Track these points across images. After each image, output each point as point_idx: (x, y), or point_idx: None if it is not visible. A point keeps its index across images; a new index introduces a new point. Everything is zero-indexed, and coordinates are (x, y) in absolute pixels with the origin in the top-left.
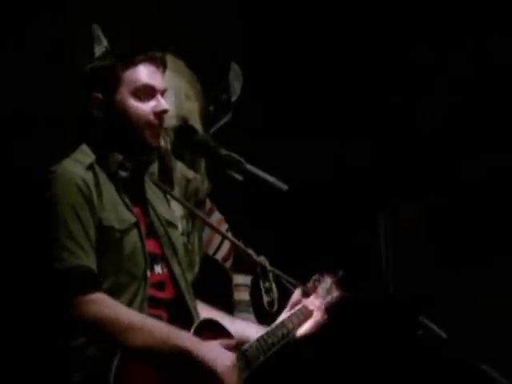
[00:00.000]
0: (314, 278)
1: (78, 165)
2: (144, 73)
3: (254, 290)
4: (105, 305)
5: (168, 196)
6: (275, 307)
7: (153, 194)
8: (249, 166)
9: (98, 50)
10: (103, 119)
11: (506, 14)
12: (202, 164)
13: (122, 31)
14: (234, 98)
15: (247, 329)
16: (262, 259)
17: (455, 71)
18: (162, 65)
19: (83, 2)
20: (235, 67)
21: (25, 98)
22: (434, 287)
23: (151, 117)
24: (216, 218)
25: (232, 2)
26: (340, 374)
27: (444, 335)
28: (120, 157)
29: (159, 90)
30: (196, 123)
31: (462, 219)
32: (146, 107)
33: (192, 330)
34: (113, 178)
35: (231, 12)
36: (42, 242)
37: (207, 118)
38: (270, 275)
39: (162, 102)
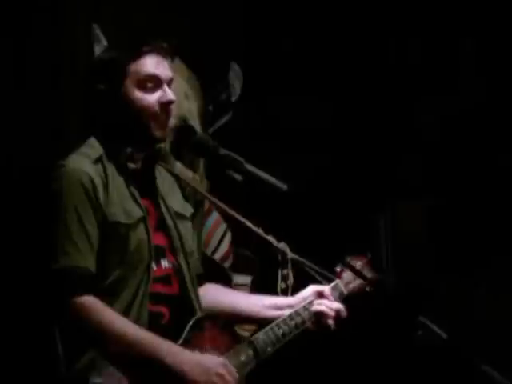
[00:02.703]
0: (341, 262)
1: (85, 159)
2: (149, 63)
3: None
4: (96, 310)
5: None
6: (289, 295)
7: (165, 184)
8: (248, 166)
9: (98, 50)
10: (108, 112)
11: (506, 14)
12: (201, 164)
13: (121, 31)
14: (233, 98)
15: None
16: (282, 246)
17: (455, 71)
18: (168, 55)
19: (83, 1)
20: (235, 67)
21: (25, 97)
22: (433, 287)
23: (157, 108)
24: (214, 218)
25: (231, 1)
26: (340, 374)
27: (444, 335)
28: (129, 149)
29: (165, 79)
30: (195, 123)
31: (461, 219)
32: (151, 98)
33: (188, 326)
34: (122, 170)
35: (231, 12)
36: (41, 240)
37: (207, 118)
38: (289, 262)
39: (168, 93)
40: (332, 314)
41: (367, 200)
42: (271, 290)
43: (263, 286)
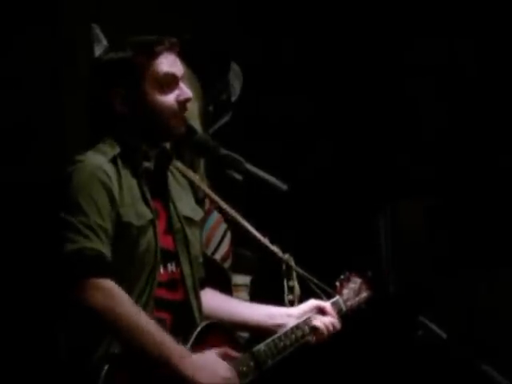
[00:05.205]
0: (341, 277)
1: (102, 157)
2: (164, 62)
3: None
4: (115, 295)
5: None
6: (295, 306)
7: (178, 186)
8: (249, 166)
9: (98, 50)
10: (127, 114)
11: (507, 14)
12: (201, 164)
13: (121, 31)
14: (233, 98)
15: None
16: (287, 257)
17: (456, 70)
18: (177, 51)
19: (83, 1)
20: (235, 67)
21: (25, 99)
22: (433, 287)
23: (175, 106)
24: (214, 218)
25: (231, 2)
26: (340, 374)
27: (444, 335)
28: (144, 146)
29: (180, 76)
30: (195, 123)
31: (461, 219)
32: (170, 98)
33: (193, 336)
34: (135, 171)
35: (230, 12)
36: (58, 231)
37: (207, 118)
38: (294, 274)
39: (185, 90)
40: (329, 330)
41: (367, 200)
42: (270, 291)
43: (262, 286)
